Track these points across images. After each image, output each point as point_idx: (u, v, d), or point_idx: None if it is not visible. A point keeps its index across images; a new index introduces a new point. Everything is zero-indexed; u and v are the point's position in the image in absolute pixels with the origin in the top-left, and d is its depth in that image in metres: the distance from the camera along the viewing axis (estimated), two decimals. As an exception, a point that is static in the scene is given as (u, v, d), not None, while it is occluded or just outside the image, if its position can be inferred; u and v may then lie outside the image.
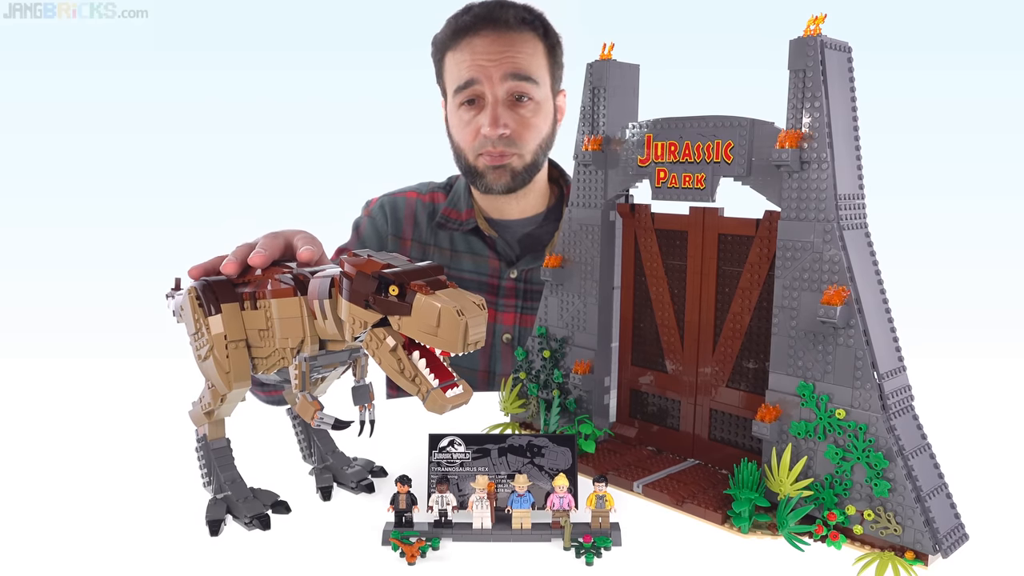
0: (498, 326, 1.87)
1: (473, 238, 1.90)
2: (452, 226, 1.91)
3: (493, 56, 1.73)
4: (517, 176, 1.81)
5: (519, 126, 1.77)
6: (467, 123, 1.80)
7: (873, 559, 0.96)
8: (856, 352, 1.00)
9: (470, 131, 1.79)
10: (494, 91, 1.74)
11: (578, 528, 1.02)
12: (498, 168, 1.79)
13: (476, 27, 1.75)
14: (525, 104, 1.77)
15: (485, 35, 1.74)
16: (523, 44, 1.76)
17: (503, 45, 1.74)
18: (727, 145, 1.11)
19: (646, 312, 1.31)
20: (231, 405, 1.13)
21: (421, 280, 0.92)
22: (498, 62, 1.73)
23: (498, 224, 1.92)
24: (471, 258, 1.90)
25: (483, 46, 1.74)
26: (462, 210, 1.91)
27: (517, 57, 1.74)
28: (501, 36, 1.74)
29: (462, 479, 1.10)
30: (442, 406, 0.93)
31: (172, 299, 1.21)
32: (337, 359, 1.08)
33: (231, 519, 1.08)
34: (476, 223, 1.89)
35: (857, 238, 1.04)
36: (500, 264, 1.89)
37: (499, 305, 1.87)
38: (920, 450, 1.00)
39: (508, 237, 1.90)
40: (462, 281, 1.87)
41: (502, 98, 1.75)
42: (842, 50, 1.04)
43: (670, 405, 1.30)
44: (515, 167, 1.80)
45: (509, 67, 1.73)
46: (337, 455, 1.23)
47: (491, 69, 1.73)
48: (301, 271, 1.06)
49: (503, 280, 1.88)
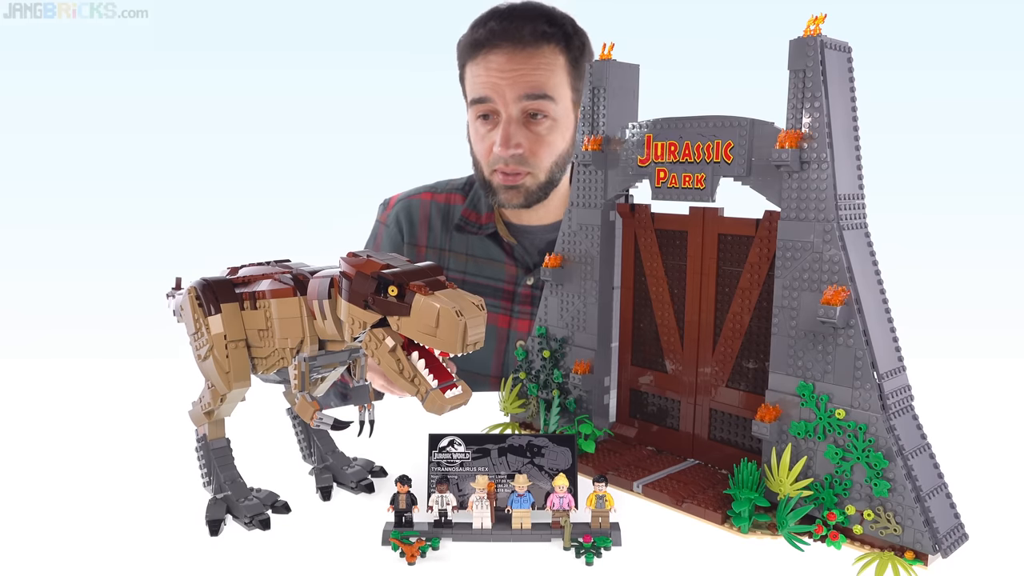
0: (512, 332, 1.84)
1: (490, 243, 1.88)
2: (471, 229, 1.88)
3: (507, 74, 1.69)
4: (531, 195, 1.77)
5: (533, 144, 1.73)
6: (483, 137, 1.78)
7: (873, 559, 0.96)
8: (856, 352, 1.00)
9: (485, 146, 1.77)
10: (507, 110, 1.71)
11: (578, 528, 1.02)
12: (511, 188, 1.76)
13: (492, 42, 1.71)
14: (540, 121, 1.72)
15: (501, 51, 1.70)
16: (540, 60, 1.70)
17: (519, 63, 1.69)
18: (727, 145, 1.11)
19: (646, 312, 1.31)
20: (231, 405, 1.13)
21: (420, 281, 0.92)
22: (512, 81, 1.69)
23: (517, 229, 1.89)
24: (488, 264, 1.87)
25: (498, 63, 1.70)
26: (482, 212, 1.88)
27: (533, 75, 1.69)
28: (517, 53, 1.69)
29: (462, 479, 1.10)
30: (441, 407, 0.93)
31: (172, 299, 1.21)
32: (337, 359, 1.08)
33: (231, 519, 1.08)
34: (495, 228, 1.86)
35: (857, 238, 1.04)
36: (517, 270, 1.86)
37: (515, 312, 1.85)
38: (920, 450, 1.00)
39: (527, 243, 1.87)
40: (478, 287, 1.84)
41: (516, 116, 1.71)
42: (842, 50, 1.04)
43: (670, 405, 1.30)
44: (528, 186, 1.76)
45: (523, 87, 1.69)
46: (337, 455, 1.23)
47: (505, 88, 1.69)
48: (301, 271, 1.07)
49: (519, 287, 1.85)
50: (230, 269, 1.14)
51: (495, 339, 1.84)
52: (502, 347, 1.84)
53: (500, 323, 1.84)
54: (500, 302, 1.85)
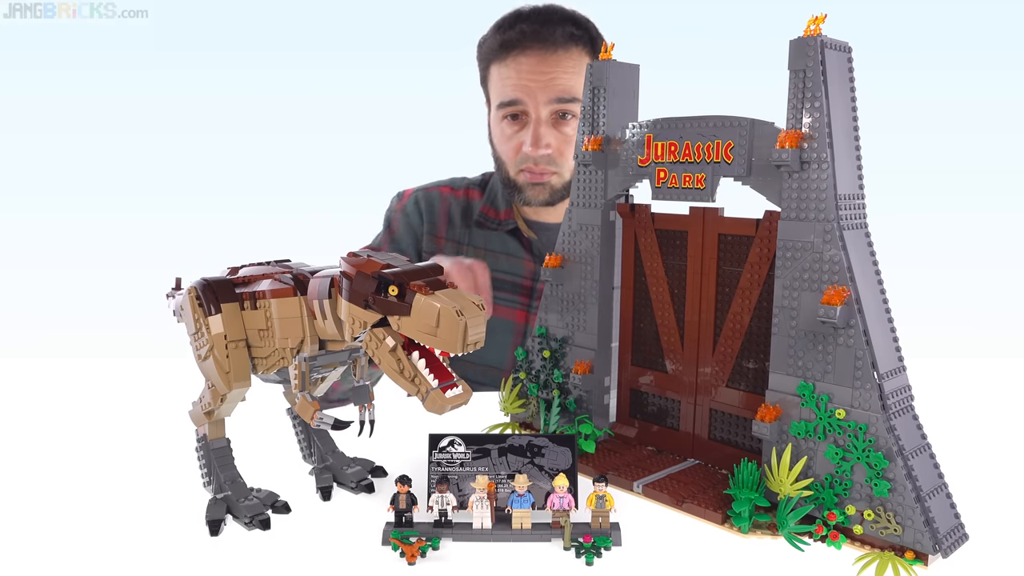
0: (530, 328, 1.84)
1: (509, 239, 1.89)
2: (491, 225, 1.89)
3: (539, 77, 1.71)
4: (556, 193, 1.80)
5: (561, 144, 1.76)
6: (509, 137, 1.79)
7: (873, 559, 0.96)
8: (856, 352, 1.00)
9: (512, 146, 1.79)
10: (538, 111, 1.73)
11: (578, 528, 1.02)
12: (537, 185, 1.79)
13: (523, 44, 1.73)
14: (568, 122, 1.76)
15: (532, 54, 1.72)
16: (569, 62, 1.73)
17: (549, 65, 1.72)
18: (727, 145, 1.11)
19: (646, 312, 1.31)
20: (231, 405, 1.13)
21: (420, 280, 0.92)
22: (544, 84, 1.71)
23: (536, 226, 1.90)
24: (506, 259, 1.88)
25: (529, 66, 1.72)
26: (500, 209, 1.90)
27: (563, 77, 1.72)
28: (548, 56, 1.72)
29: (462, 479, 1.10)
30: (441, 406, 0.93)
31: (172, 299, 1.21)
32: (337, 359, 1.08)
33: (231, 519, 1.08)
34: (515, 224, 1.87)
35: (857, 238, 1.04)
36: (536, 266, 1.87)
37: (532, 307, 1.86)
38: (920, 450, 1.00)
39: (545, 239, 1.88)
40: (496, 282, 1.84)
41: (545, 118, 1.74)
42: (842, 50, 1.04)
43: (670, 405, 1.30)
44: (554, 185, 1.79)
45: (555, 91, 1.72)
46: (337, 455, 1.23)
47: (536, 91, 1.72)
48: (301, 271, 1.07)
49: (537, 282, 1.86)
50: (230, 269, 1.14)
51: (512, 334, 1.85)
52: (519, 342, 1.85)
53: (518, 318, 1.85)
54: (518, 297, 1.85)
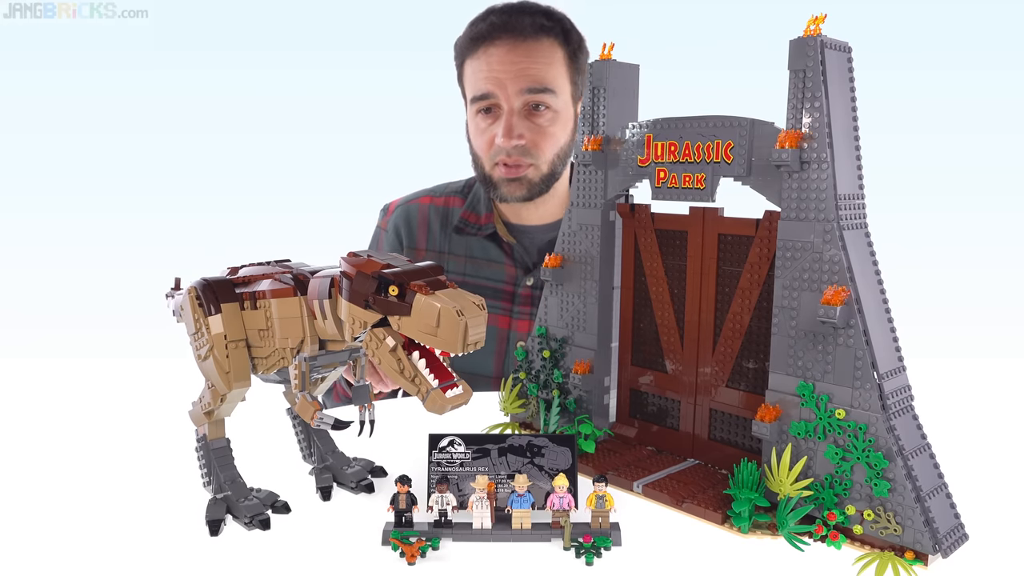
0: (512, 333, 1.84)
1: (490, 244, 1.88)
2: (470, 230, 1.88)
3: (509, 67, 1.70)
4: (534, 187, 1.78)
5: (535, 135, 1.74)
6: (483, 131, 1.78)
7: (873, 559, 0.96)
8: (856, 352, 1.00)
9: (486, 140, 1.77)
10: (510, 102, 1.72)
11: (578, 528, 1.02)
12: (513, 181, 1.77)
13: (493, 36, 1.72)
14: (542, 113, 1.74)
15: (501, 44, 1.71)
16: (541, 53, 1.72)
17: (520, 55, 1.70)
18: (727, 145, 1.11)
19: (646, 312, 1.31)
20: (231, 405, 1.13)
21: (421, 280, 0.92)
22: (514, 74, 1.70)
23: (517, 229, 1.89)
24: (487, 265, 1.87)
25: (499, 56, 1.71)
26: (481, 213, 1.89)
27: (533, 68, 1.71)
28: (518, 46, 1.71)
29: (462, 479, 1.10)
30: (442, 406, 0.93)
31: (172, 299, 1.21)
32: (337, 359, 1.08)
33: (231, 519, 1.08)
34: (494, 228, 1.86)
35: (857, 238, 1.04)
36: (517, 271, 1.86)
37: (515, 312, 1.85)
38: (920, 450, 1.00)
39: (527, 243, 1.88)
40: (478, 288, 1.84)
41: (518, 108, 1.72)
42: (842, 50, 1.04)
43: (670, 405, 1.30)
44: (531, 178, 1.77)
45: (525, 81, 1.70)
46: (337, 455, 1.23)
47: (507, 81, 1.71)
48: (301, 271, 1.07)
49: (519, 287, 1.85)
50: (230, 269, 1.14)
51: (495, 340, 1.84)
52: (502, 348, 1.84)
53: (500, 324, 1.84)
54: (500, 303, 1.84)
